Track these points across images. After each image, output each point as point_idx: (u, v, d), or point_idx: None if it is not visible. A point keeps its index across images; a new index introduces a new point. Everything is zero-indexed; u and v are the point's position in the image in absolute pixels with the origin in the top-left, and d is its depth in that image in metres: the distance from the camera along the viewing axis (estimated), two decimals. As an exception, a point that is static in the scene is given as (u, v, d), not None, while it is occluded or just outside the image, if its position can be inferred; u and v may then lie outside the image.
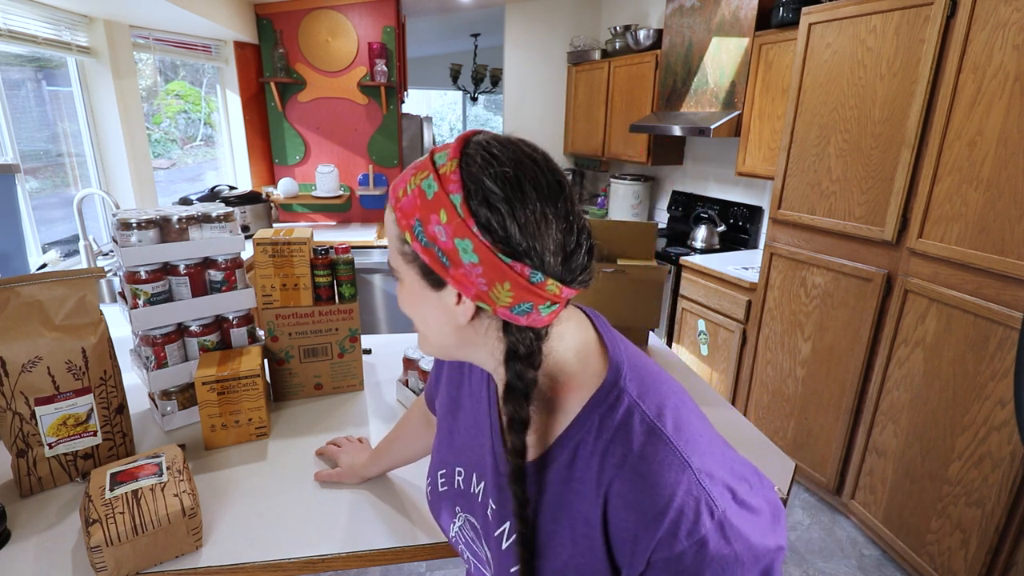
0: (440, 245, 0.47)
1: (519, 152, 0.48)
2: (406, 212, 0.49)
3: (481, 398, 0.63)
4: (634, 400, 0.50)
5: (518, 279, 0.46)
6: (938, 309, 1.71)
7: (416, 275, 0.51)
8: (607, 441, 0.50)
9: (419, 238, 0.48)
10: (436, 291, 0.51)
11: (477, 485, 0.61)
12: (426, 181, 0.48)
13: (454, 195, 0.46)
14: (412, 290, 0.53)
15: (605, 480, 0.49)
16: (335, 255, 1.24)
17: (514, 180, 0.46)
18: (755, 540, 0.47)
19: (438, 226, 0.47)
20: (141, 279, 1.06)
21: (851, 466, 2.07)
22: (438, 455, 0.70)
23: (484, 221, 0.45)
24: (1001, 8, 1.49)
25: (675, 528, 0.45)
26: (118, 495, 0.78)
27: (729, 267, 2.63)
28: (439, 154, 0.49)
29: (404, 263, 0.52)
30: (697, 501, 0.46)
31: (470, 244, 0.46)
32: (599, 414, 0.51)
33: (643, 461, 0.47)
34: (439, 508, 0.68)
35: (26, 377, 0.86)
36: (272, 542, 0.84)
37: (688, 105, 3.05)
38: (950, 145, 1.64)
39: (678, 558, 0.45)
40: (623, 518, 0.48)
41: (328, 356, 1.26)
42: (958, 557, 1.67)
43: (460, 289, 0.48)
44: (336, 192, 3.48)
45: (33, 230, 2.08)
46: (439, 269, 0.48)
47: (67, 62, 2.29)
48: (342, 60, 3.36)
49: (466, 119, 8.50)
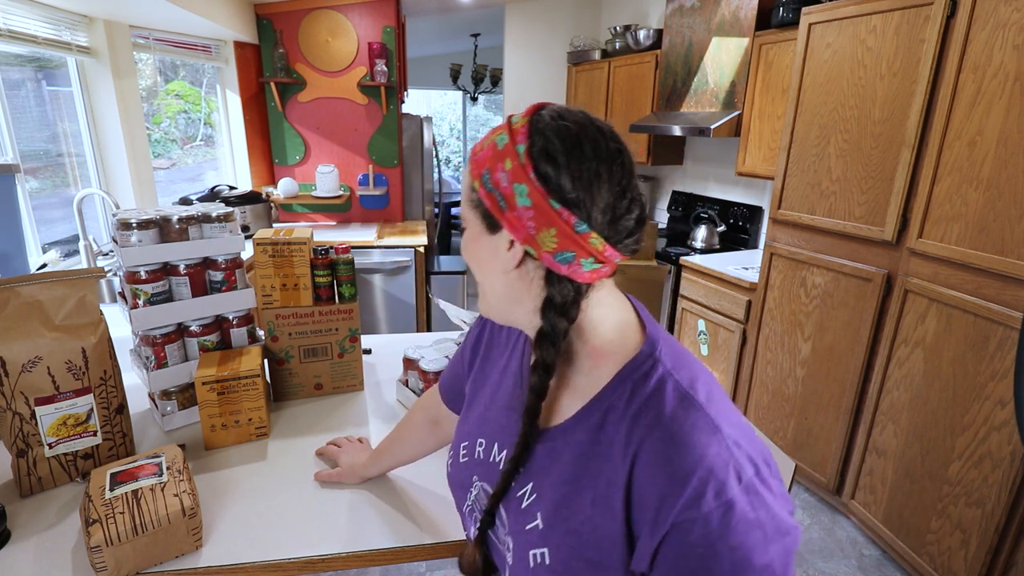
0: (501, 190, 0.52)
1: (586, 118, 0.53)
2: (479, 163, 0.54)
3: (509, 372, 0.67)
4: (668, 370, 0.53)
5: (563, 226, 0.50)
6: (938, 309, 1.71)
7: (478, 219, 0.56)
8: (640, 405, 0.52)
9: (485, 184, 0.53)
10: (492, 234, 0.55)
11: (498, 454, 0.64)
12: (500, 136, 0.53)
13: (519, 145, 0.51)
14: (473, 234, 0.57)
15: (635, 440, 0.51)
16: (335, 255, 1.24)
17: (574, 137, 0.51)
18: (777, 512, 0.48)
19: (502, 173, 0.52)
20: (141, 279, 1.06)
21: (851, 466, 2.07)
22: (463, 428, 0.72)
23: (541, 169, 0.50)
24: (1001, 8, 1.49)
25: (703, 488, 0.46)
26: (118, 495, 0.78)
27: (729, 267, 2.63)
28: (515, 116, 0.54)
29: (470, 208, 0.57)
30: (726, 464, 0.47)
31: (525, 188, 0.51)
32: (632, 380, 0.53)
33: (675, 422, 0.49)
34: (458, 479, 0.70)
35: (26, 377, 0.86)
36: (272, 542, 0.84)
37: (688, 105, 3.05)
38: (950, 145, 1.64)
39: (704, 519, 0.46)
40: (650, 478, 0.49)
41: (328, 356, 1.26)
42: (958, 557, 1.67)
43: (511, 232, 0.52)
44: (336, 192, 3.48)
45: (33, 230, 2.08)
46: (496, 212, 0.53)
47: (67, 62, 2.29)
48: (342, 60, 3.36)
49: (466, 119, 8.49)
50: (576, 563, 0.52)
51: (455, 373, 0.82)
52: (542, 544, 0.54)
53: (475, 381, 0.74)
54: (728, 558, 0.45)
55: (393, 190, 3.65)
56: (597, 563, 0.52)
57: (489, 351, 0.73)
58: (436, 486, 0.99)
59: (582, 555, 0.52)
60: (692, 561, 0.46)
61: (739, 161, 2.77)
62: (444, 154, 8.61)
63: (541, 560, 0.54)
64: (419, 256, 3.19)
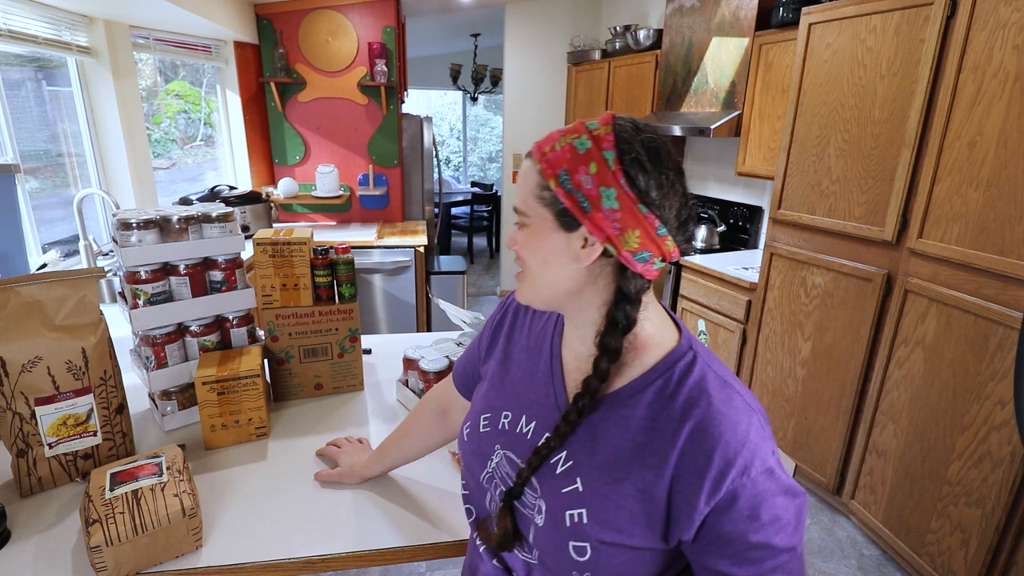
0: (584, 192, 0.56)
1: (655, 132, 0.59)
2: (552, 163, 0.58)
3: (540, 352, 0.72)
4: (705, 363, 0.61)
5: (648, 229, 0.56)
6: (938, 309, 1.71)
7: (550, 216, 0.59)
8: (688, 390, 0.58)
9: (563, 185, 0.57)
10: (566, 232, 0.59)
11: (526, 426, 0.68)
12: (578, 140, 0.57)
13: (607, 152, 0.56)
14: (540, 231, 0.60)
15: (686, 420, 0.57)
16: (335, 255, 1.24)
17: (656, 148, 0.57)
18: (790, 479, 0.58)
19: (585, 176, 0.56)
20: (141, 279, 1.06)
21: (851, 466, 2.07)
22: (484, 401, 0.76)
23: (631, 175, 0.56)
24: (1001, 8, 1.49)
25: (751, 459, 0.54)
26: (118, 495, 0.78)
27: (729, 267, 2.63)
28: (589, 122, 0.59)
29: (540, 206, 0.60)
30: (764, 439, 0.56)
31: (614, 192, 0.56)
32: (678, 368, 0.60)
33: (722, 405, 0.57)
34: (475, 447, 0.73)
35: (26, 377, 0.86)
36: (272, 542, 0.84)
37: (688, 105, 3.05)
38: (950, 145, 1.64)
39: (752, 484, 0.54)
40: (704, 453, 0.55)
41: (328, 356, 1.26)
42: (958, 557, 1.67)
43: (593, 231, 0.57)
44: (336, 192, 3.48)
45: (33, 230, 2.08)
46: (577, 212, 0.57)
47: (67, 62, 2.29)
48: (342, 60, 3.36)
49: (466, 119, 8.49)
50: (614, 521, 0.58)
51: (470, 359, 0.86)
52: (580, 505, 0.60)
53: (496, 360, 0.78)
54: (767, 516, 0.54)
55: (393, 190, 3.65)
56: (633, 523, 0.58)
57: (511, 332, 0.78)
58: (436, 486, 0.99)
59: (619, 515, 0.58)
60: (739, 524, 0.54)
61: (739, 161, 2.77)
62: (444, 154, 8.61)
63: (579, 519, 0.60)
64: (419, 256, 3.19)
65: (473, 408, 0.78)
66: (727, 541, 0.55)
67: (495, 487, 0.70)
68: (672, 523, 0.57)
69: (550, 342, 0.71)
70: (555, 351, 0.70)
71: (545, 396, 0.68)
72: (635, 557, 0.59)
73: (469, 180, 8.17)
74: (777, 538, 0.55)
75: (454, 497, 0.96)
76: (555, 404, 0.67)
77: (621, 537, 0.58)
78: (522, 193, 0.62)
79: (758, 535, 0.54)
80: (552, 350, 0.70)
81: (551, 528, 0.61)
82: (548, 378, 0.69)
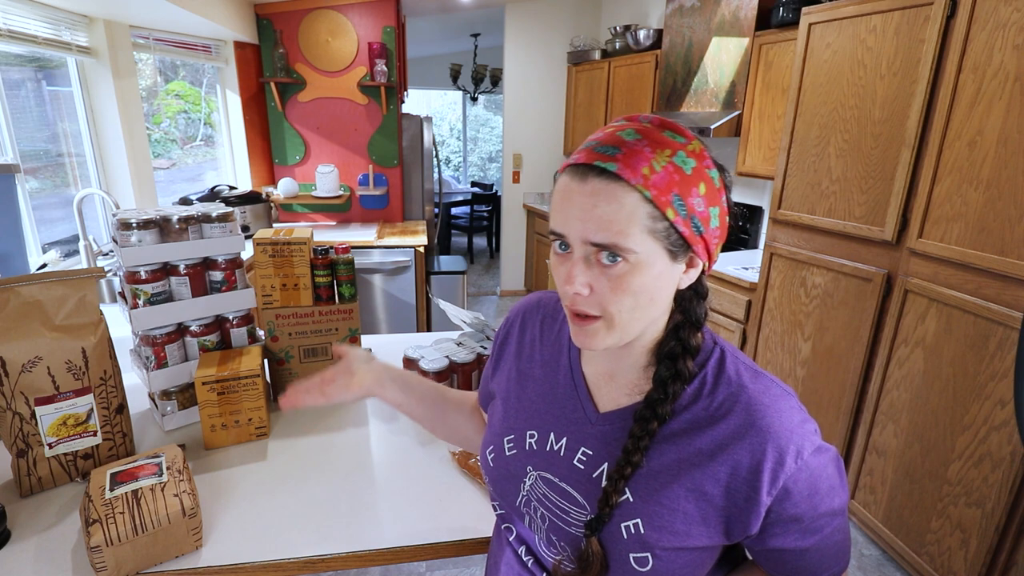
0: (698, 215, 0.53)
1: None
2: (662, 188, 0.51)
3: (557, 366, 0.70)
4: (733, 356, 0.61)
5: (724, 240, 0.58)
6: (938, 309, 1.71)
7: (661, 250, 0.53)
8: (728, 386, 0.58)
9: (680, 211, 0.52)
10: (673, 262, 0.55)
11: (556, 443, 0.66)
12: (677, 157, 0.53)
13: (711, 170, 0.54)
14: (646, 267, 0.53)
15: (733, 416, 0.57)
16: (335, 255, 1.24)
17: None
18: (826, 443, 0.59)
19: (697, 198, 0.53)
20: (141, 279, 1.06)
21: (851, 466, 2.07)
22: (504, 423, 0.72)
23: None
24: (1001, 8, 1.49)
25: (802, 442, 0.55)
26: (118, 495, 0.78)
27: (729, 267, 2.63)
28: (668, 132, 0.54)
29: (652, 240, 0.52)
30: (805, 420, 0.57)
31: (718, 211, 0.55)
32: (711, 366, 0.60)
33: (763, 395, 0.57)
34: (505, 471, 0.70)
35: (26, 377, 0.86)
36: (272, 542, 0.84)
37: (688, 105, 3.05)
38: (950, 145, 1.64)
39: (807, 466, 0.55)
40: (759, 446, 0.55)
41: (328, 356, 1.26)
42: (958, 557, 1.67)
43: (699, 253, 0.56)
44: (336, 192, 3.48)
45: (33, 230, 2.08)
46: (691, 237, 0.54)
47: (67, 62, 2.29)
48: (342, 60, 3.36)
49: (466, 119, 8.49)
50: (670, 525, 0.57)
51: (486, 378, 0.83)
52: (634, 516, 0.59)
53: (508, 379, 0.75)
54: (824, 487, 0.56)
55: (393, 190, 3.65)
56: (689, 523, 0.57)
57: (520, 349, 0.75)
58: (436, 486, 0.99)
59: (674, 518, 0.57)
60: (801, 505, 0.55)
61: (739, 161, 2.77)
62: (444, 154, 8.61)
63: (635, 530, 0.58)
64: (419, 256, 3.19)
65: (492, 431, 0.74)
66: (793, 520, 0.56)
67: (534, 509, 0.67)
68: (733, 520, 0.57)
69: (567, 355, 0.70)
70: (574, 364, 0.68)
71: (572, 410, 0.66)
72: (695, 559, 0.59)
73: (469, 180, 8.18)
74: (836, 502, 0.57)
75: (454, 497, 0.96)
76: (585, 417, 0.65)
77: (679, 540, 0.57)
78: (619, 226, 0.51)
79: (822, 506, 0.56)
80: (571, 363, 0.69)
81: (608, 542, 0.60)
82: (571, 391, 0.67)
